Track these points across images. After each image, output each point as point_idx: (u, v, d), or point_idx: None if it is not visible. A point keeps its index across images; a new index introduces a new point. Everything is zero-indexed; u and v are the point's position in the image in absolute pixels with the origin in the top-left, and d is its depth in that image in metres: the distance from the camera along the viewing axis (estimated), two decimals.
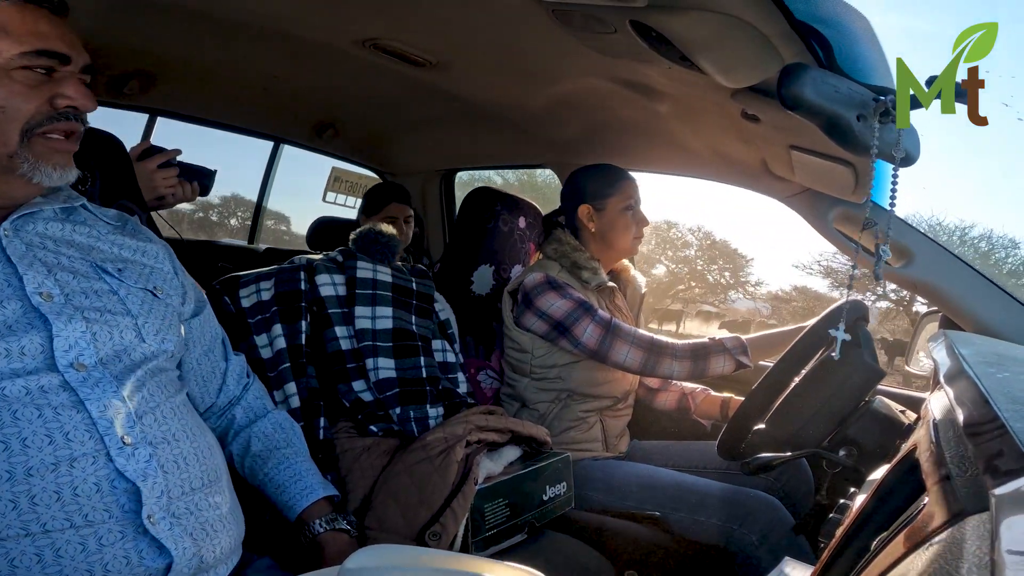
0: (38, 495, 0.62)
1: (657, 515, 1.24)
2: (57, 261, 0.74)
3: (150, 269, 0.85)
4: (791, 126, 1.03)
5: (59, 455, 0.64)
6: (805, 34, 0.82)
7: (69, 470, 0.64)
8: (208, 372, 0.94)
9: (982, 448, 0.37)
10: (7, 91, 0.69)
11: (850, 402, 1.01)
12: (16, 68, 0.70)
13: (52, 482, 0.63)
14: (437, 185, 2.36)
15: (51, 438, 0.64)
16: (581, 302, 1.35)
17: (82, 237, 0.80)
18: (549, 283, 1.36)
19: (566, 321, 1.34)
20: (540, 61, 1.29)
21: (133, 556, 0.65)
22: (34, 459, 0.63)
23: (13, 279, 0.70)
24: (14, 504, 0.61)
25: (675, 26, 0.89)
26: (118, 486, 0.66)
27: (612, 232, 1.45)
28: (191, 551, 0.69)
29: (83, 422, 0.66)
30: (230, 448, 0.95)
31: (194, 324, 0.91)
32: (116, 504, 0.65)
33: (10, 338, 0.66)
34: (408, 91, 1.65)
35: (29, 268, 0.71)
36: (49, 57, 0.72)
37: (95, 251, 0.80)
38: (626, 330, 1.34)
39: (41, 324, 0.69)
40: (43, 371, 0.67)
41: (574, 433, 1.41)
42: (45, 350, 0.68)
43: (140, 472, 0.67)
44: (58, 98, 0.73)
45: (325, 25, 1.31)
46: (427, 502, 0.99)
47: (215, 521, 0.74)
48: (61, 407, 0.66)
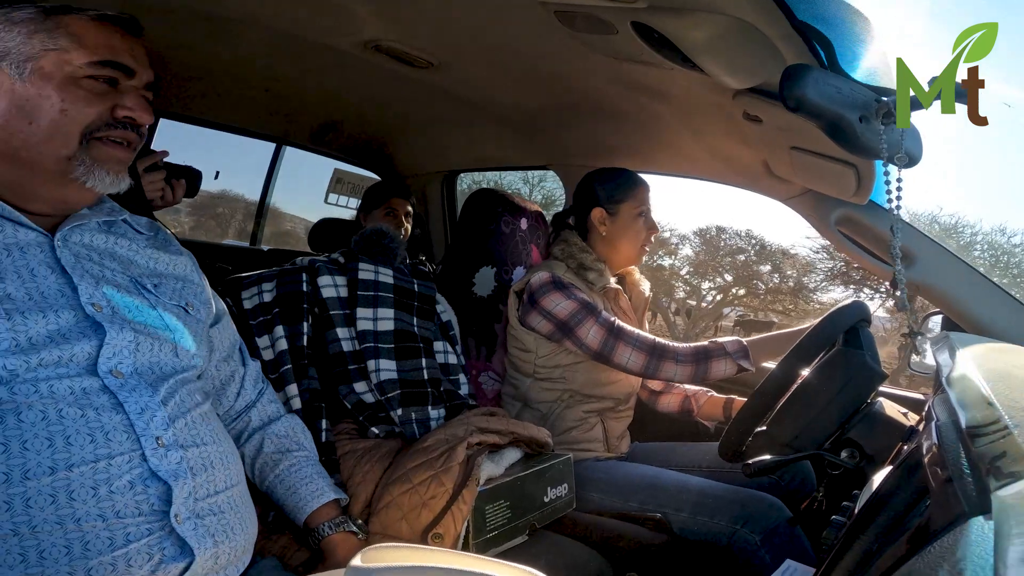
0: (76, 490, 0.64)
1: (659, 516, 1.24)
2: (102, 274, 0.77)
3: (182, 284, 0.88)
4: (793, 127, 1.03)
5: (99, 452, 0.66)
6: (807, 35, 0.82)
7: (107, 467, 0.66)
8: (227, 378, 0.96)
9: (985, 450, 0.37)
10: (73, 96, 0.74)
11: (852, 404, 1.01)
12: (84, 77, 0.74)
13: (90, 478, 0.65)
14: (439, 187, 2.37)
15: (92, 436, 0.67)
16: (585, 303, 1.35)
17: (123, 250, 0.83)
18: (555, 283, 1.37)
19: (570, 321, 1.34)
20: (542, 63, 1.29)
21: (156, 553, 0.67)
22: (76, 456, 0.65)
23: (67, 289, 0.73)
24: (53, 498, 0.63)
25: (676, 27, 0.90)
26: (150, 485, 0.68)
27: (623, 237, 1.46)
28: (211, 551, 0.71)
29: (122, 423, 0.69)
30: (242, 450, 0.96)
31: (214, 332, 0.93)
32: (147, 502, 0.67)
33: (64, 346, 0.69)
34: (410, 93, 1.65)
35: (81, 279, 0.74)
36: (115, 68, 0.76)
37: (134, 265, 0.83)
38: (629, 332, 1.34)
39: (93, 332, 0.72)
40: (85, 375, 0.70)
41: (575, 433, 1.41)
42: (91, 357, 0.71)
43: (172, 472, 0.70)
44: (118, 108, 0.76)
45: (327, 27, 1.31)
46: (429, 504, 0.99)
47: (235, 524, 0.76)
48: (102, 408, 0.69)
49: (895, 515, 0.51)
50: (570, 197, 1.76)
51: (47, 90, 0.72)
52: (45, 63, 0.73)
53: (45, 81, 0.73)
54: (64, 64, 0.73)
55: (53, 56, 0.73)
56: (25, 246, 0.73)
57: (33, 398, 0.66)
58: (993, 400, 0.42)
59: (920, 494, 0.48)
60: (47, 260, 0.73)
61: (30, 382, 0.66)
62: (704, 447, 1.49)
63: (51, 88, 0.73)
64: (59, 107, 0.73)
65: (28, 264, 0.72)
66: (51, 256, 0.74)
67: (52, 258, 0.74)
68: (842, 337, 1.06)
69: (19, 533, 0.61)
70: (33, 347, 0.67)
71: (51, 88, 0.73)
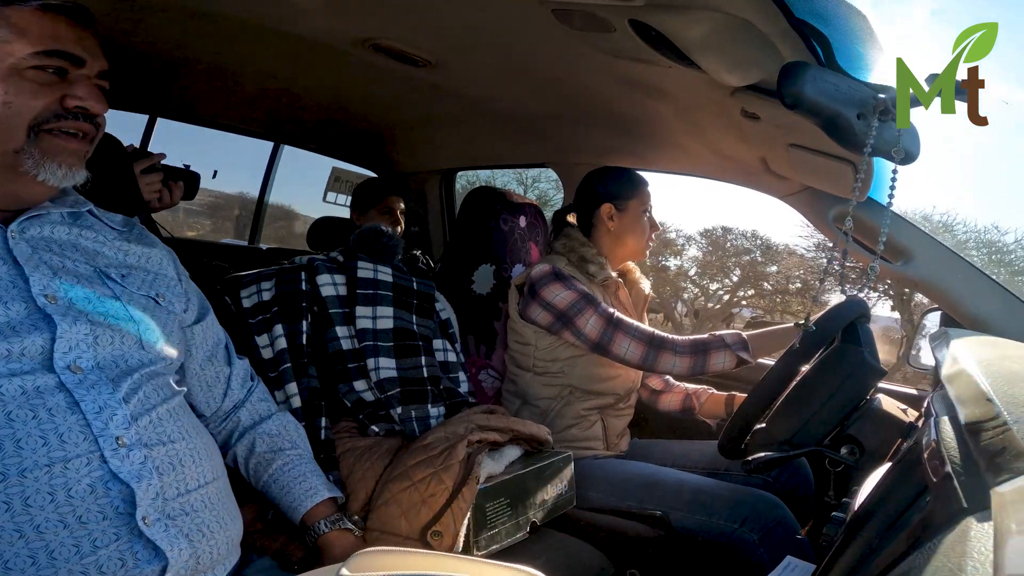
0: (31, 496, 0.62)
1: (658, 514, 1.24)
2: (62, 264, 0.75)
3: (153, 276, 0.85)
4: (791, 124, 1.03)
5: (53, 456, 0.64)
6: (804, 32, 0.82)
7: (63, 471, 0.64)
8: (212, 378, 0.94)
9: (984, 446, 0.37)
10: (16, 88, 0.71)
11: (851, 401, 1.01)
12: (28, 68, 0.72)
13: (46, 483, 0.63)
14: (437, 185, 2.36)
15: (45, 439, 0.64)
16: (585, 294, 1.37)
17: (88, 242, 0.81)
18: (555, 274, 1.38)
19: (570, 312, 1.35)
20: (540, 60, 1.29)
21: (128, 558, 0.65)
22: (28, 460, 0.63)
23: (19, 280, 0.70)
24: (7, 505, 0.61)
25: (674, 25, 0.89)
26: (112, 487, 0.66)
27: (631, 233, 1.49)
28: (187, 552, 0.69)
29: (77, 423, 0.66)
30: (234, 450, 0.95)
31: (196, 330, 0.91)
32: (110, 505, 0.65)
33: (12, 339, 0.66)
34: (408, 91, 1.65)
35: (35, 270, 0.71)
36: (61, 58, 0.73)
37: (100, 256, 0.81)
38: (628, 323, 1.35)
39: (45, 325, 0.69)
40: (39, 371, 0.67)
41: (575, 431, 1.41)
42: (44, 351, 0.68)
43: (134, 473, 0.67)
44: (68, 98, 0.74)
45: (324, 25, 1.30)
46: (428, 502, 0.99)
47: (211, 522, 0.74)
48: (56, 408, 0.66)
49: (895, 511, 0.51)
50: (569, 195, 1.76)
51: None
52: None
53: None
54: (6, 56, 0.71)
55: None
56: None
57: None
58: (992, 396, 0.42)
59: (920, 490, 0.48)
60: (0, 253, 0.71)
61: None
62: (703, 445, 1.50)
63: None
64: (1, 99, 0.70)
65: None
66: (3, 247, 0.72)
67: (4, 249, 0.71)
68: (841, 334, 1.06)
69: None
70: None
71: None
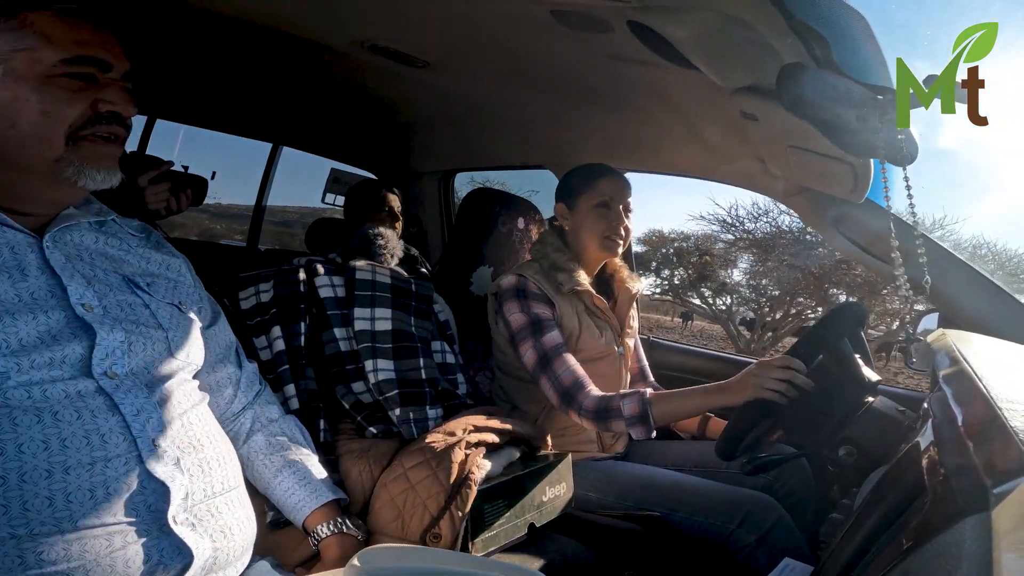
0: (73, 492, 0.64)
1: (656, 515, 1.24)
2: (93, 273, 0.77)
3: (175, 283, 0.87)
4: (790, 125, 1.03)
5: (95, 455, 0.66)
6: (803, 33, 0.82)
7: (104, 469, 0.66)
8: (223, 379, 0.95)
9: (982, 448, 0.37)
10: (52, 97, 0.72)
11: (848, 404, 1.01)
12: (58, 75, 0.73)
13: (87, 480, 0.65)
14: (436, 186, 2.36)
15: (88, 439, 0.67)
16: (534, 320, 1.33)
17: (114, 250, 0.82)
18: (517, 291, 1.35)
19: (518, 335, 1.34)
20: (538, 62, 1.29)
21: (154, 554, 0.66)
22: (72, 458, 0.65)
23: (57, 289, 0.72)
24: (50, 501, 0.63)
25: (672, 26, 0.89)
26: (147, 486, 0.68)
27: (581, 230, 1.41)
28: (209, 552, 0.71)
29: (118, 425, 0.69)
30: (240, 452, 0.95)
31: (209, 334, 0.92)
32: (144, 504, 0.67)
33: (55, 347, 0.68)
34: (406, 92, 1.65)
35: (71, 279, 0.73)
36: (90, 64, 0.74)
37: (126, 264, 0.82)
38: (556, 367, 1.30)
39: (83, 333, 0.71)
40: (80, 377, 0.69)
41: (568, 436, 1.40)
42: (83, 358, 0.70)
43: (168, 474, 0.69)
44: (100, 103, 0.75)
45: (322, 26, 1.30)
46: (427, 503, 0.99)
47: (232, 525, 0.76)
48: (98, 410, 0.69)
49: (893, 513, 0.51)
50: None
51: (23, 92, 0.71)
52: (16, 64, 0.71)
53: (19, 83, 0.71)
54: (35, 63, 0.72)
55: (23, 56, 0.71)
56: (15, 247, 0.72)
57: (27, 401, 0.66)
58: (990, 397, 0.42)
59: (918, 492, 0.48)
60: (36, 261, 0.73)
61: (23, 385, 0.66)
62: (701, 446, 1.49)
63: (27, 90, 0.71)
64: (39, 109, 0.71)
65: (19, 265, 0.71)
66: (40, 257, 0.73)
67: (41, 259, 0.73)
68: (839, 338, 1.06)
69: (17, 536, 0.61)
70: (24, 349, 0.67)
71: (27, 90, 0.71)
